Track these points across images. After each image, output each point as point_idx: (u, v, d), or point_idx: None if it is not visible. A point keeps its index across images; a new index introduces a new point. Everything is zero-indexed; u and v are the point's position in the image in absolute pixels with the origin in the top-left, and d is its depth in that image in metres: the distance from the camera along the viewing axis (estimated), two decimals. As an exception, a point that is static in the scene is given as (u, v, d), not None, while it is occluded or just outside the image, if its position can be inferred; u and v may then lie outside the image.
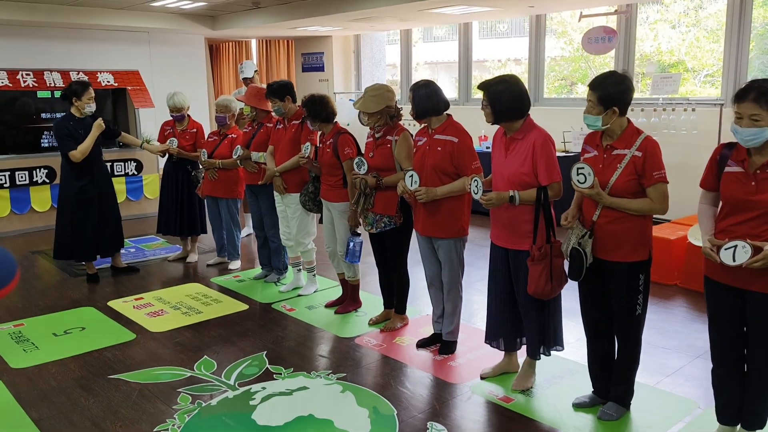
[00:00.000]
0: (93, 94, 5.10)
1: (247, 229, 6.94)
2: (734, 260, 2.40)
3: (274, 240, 5.22)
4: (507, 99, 3.13)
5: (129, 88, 8.22)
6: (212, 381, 3.61)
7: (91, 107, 5.07)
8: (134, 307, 4.87)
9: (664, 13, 8.40)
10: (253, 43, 11.77)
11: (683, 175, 6.02)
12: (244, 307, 4.83)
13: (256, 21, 8.69)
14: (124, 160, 7.99)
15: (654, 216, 2.93)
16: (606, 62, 8.76)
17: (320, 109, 4.30)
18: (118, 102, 8.45)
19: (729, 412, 2.72)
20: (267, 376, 3.66)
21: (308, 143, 4.49)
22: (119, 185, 7.95)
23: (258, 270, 5.62)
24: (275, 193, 4.90)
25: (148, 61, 9.30)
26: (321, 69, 10.81)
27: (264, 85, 5.03)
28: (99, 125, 5.09)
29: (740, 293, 2.53)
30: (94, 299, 5.07)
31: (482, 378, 3.57)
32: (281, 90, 4.68)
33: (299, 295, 5.02)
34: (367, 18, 8.01)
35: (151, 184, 8.12)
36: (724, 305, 2.61)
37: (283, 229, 4.97)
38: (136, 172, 8.09)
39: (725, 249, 2.42)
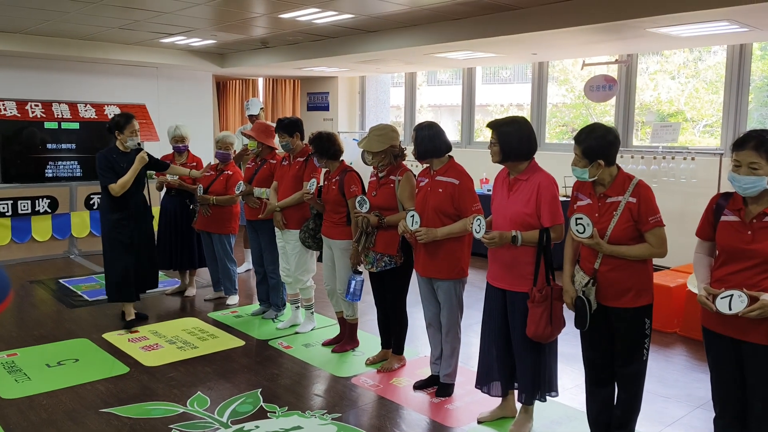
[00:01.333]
0: (137, 128, 4.95)
1: (247, 265, 6.93)
2: (730, 309, 2.39)
3: (273, 276, 5.21)
4: (516, 140, 3.17)
5: (135, 121, 8.31)
6: (205, 418, 3.56)
7: (134, 141, 4.91)
8: (129, 340, 4.82)
9: (663, 64, 8.56)
10: (260, 81, 11.95)
11: (683, 223, 6.04)
12: (241, 343, 4.79)
13: (264, 60, 8.86)
14: (127, 192, 8.02)
15: (654, 262, 2.94)
16: (606, 110, 8.88)
17: (328, 146, 4.35)
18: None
19: (731, 464, 2.67)
20: (261, 414, 3.61)
21: (313, 179, 4.52)
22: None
23: (256, 306, 5.59)
24: (276, 229, 4.91)
25: (155, 95, 9.43)
26: (326, 108, 10.96)
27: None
28: (142, 158, 4.90)
29: (737, 344, 2.52)
30: (89, 331, 5.02)
31: (479, 422, 3.52)
32: (291, 126, 4.75)
33: (296, 333, 4.98)
34: (372, 60, 8.16)
35: (152, 217, 8.12)
36: (722, 356, 2.59)
37: (283, 265, 4.96)
38: (137, 205, 8.09)
39: (721, 298, 2.41)
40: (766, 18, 4.94)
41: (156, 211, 5.66)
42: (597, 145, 2.81)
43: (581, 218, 2.81)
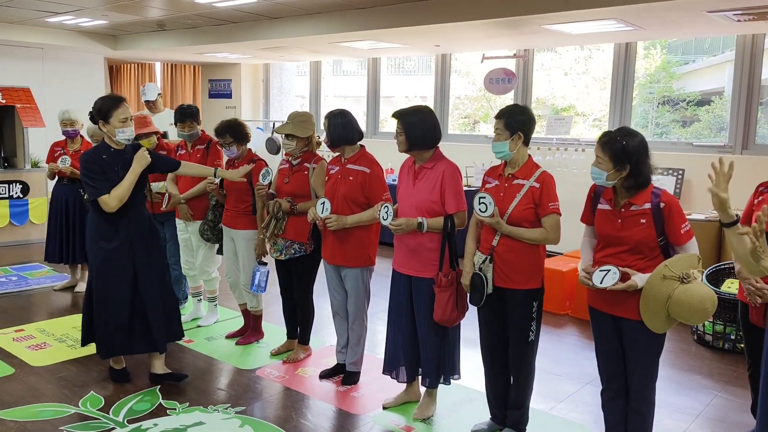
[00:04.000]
0: (129, 114, 3.59)
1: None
2: (601, 282, 2.60)
3: (174, 269, 5.02)
4: (421, 129, 3.23)
5: (18, 105, 7.72)
6: (99, 418, 3.38)
7: (126, 133, 3.54)
8: (14, 339, 4.49)
9: (557, 61, 8.98)
10: (158, 66, 11.45)
11: (574, 211, 6.36)
12: (138, 338, 4.58)
13: (161, 43, 8.48)
14: (9, 182, 7.45)
15: (548, 249, 3.09)
16: (506, 103, 9.20)
17: (242, 131, 4.26)
18: (5, 120, 7.90)
19: (616, 434, 2.87)
20: (160, 411, 3.48)
21: (217, 168, 4.40)
22: (2, 209, 7.40)
23: (154, 300, 5.36)
24: (178, 221, 4.74)
25: (40, 78, 8.80)
26: (228, 96, 10.67)
27: (144, 112, 4.93)
28: (142, 158, 3.57)
29: (617, 320, 2.73)
30: (-34, 331, 4.64)
31: (384, 408, 3.57)
32: (197, 112, 4.63)
33: (199, 326, 4.83)
34: (276, 48, 8.01)
35: (38, 209, 7.60)
36: (604, 331, 2.80)
37: (186, 258, 4.79)
38: (21, 195, 7.55)
39: (599, 271, 2.63)
40: (649, 18, 5.30)
41: (45, 201, 5.24)
42: (519, 119, 2.97)
43: (484, 197, 2.93)
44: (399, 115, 3.30)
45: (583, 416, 3.56)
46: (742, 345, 4.07)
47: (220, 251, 4.58)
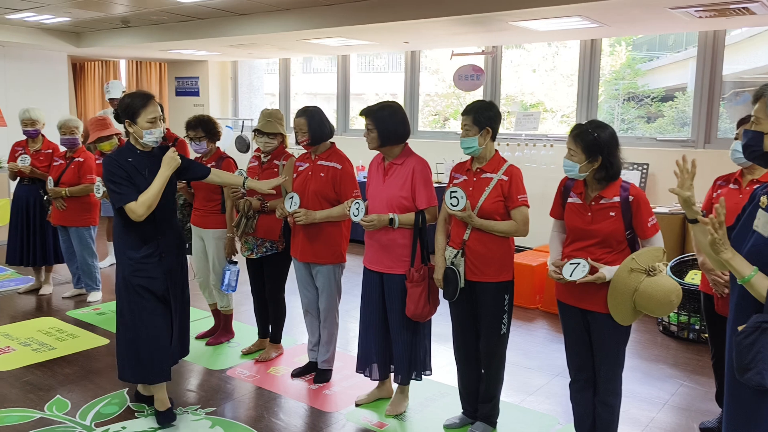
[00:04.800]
0: (159, 113, 3.21)
1: (110, 258, 6.52)
2: (570, 276, 2.63)
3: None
4: (392, 123, 3.24)
5: (-23, 104, 7.52)
6: (65, 422, 3.31)
7: (154, 134, 3.17)
8: (-25, 344, 4.38)
9: (525, 57, 9.07)
10: (122, 64, 11.25)
11: (543, 206, 6.44)
12: (104, 341, 4.50)
13: (126, 40, 8.32)
14: (-31, 183, 7.25)
15: (517, 243, 3.12)
16: (475, 99, 9.23)
17: (217, 130, 4.25)
18: (-37, 119, 7.69)
19: (586, 424, 2.91)
20: (128, 414, 3.42)
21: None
22: (-38, 210, 7.21)
23: (122, 301, 5.27)
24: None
25: (2, 77, 8.58)
26: (196, 94, 10.53)
27: (108, 111, 4.86)
28: (172, 160, 3.18)
29: (585, 314, 2.76)
30: (-75, 337, 4.50)
31: (357, 405, 3.57)
32: (161, 111, 4.54)
33: (167, 327, 4.76)
34: (244, 45, 7.93)
35: (0, 210, 7.41)
36: (573, 325, 2.83)
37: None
38: (-18, 197, 7.35)
39: (569, 264, 2.66)
40: (613, 15, 5.37)
41: (8, 202, 5.10)
42: (486, 114, 3.00)
43: (456, 191, 2.96)
44: (368, 112, 3.29)
45: (553, 408, 3.60)
46: (706, 335, 4.17)
47: (189, 251, 4.52)
